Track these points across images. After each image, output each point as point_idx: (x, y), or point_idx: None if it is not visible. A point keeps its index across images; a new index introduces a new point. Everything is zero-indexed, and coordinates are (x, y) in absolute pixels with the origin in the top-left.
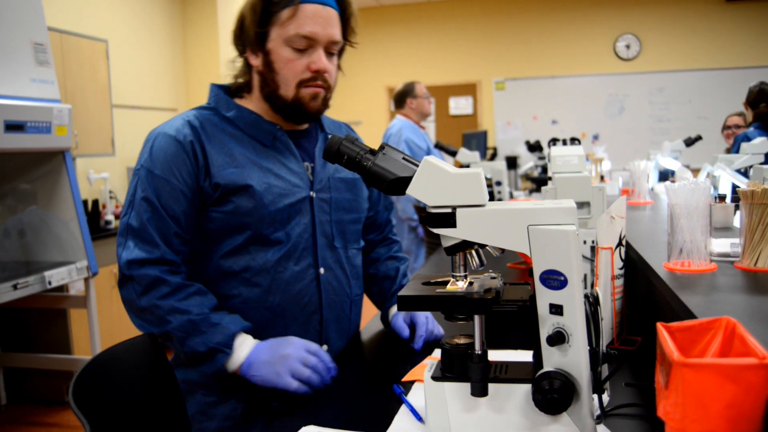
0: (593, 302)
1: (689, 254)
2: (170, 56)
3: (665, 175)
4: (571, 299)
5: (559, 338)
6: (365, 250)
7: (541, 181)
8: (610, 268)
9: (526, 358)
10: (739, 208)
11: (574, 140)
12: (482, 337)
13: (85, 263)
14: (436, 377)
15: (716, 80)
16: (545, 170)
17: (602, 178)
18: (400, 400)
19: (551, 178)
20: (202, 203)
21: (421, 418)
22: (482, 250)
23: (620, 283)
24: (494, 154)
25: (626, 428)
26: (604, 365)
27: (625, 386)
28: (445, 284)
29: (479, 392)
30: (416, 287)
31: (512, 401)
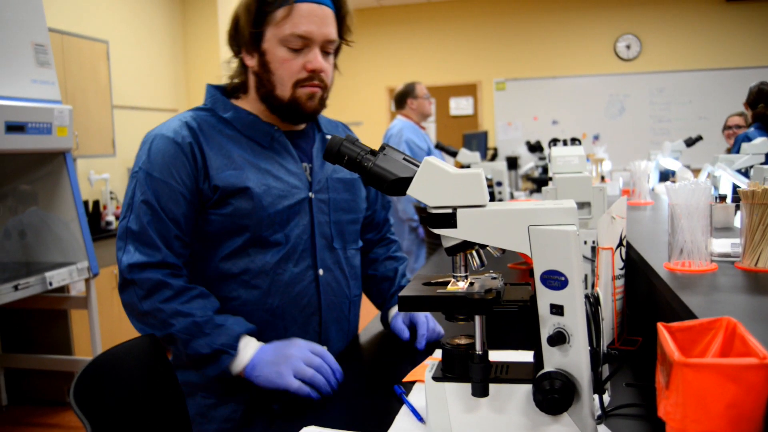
0: (594, 302)
1: (690, 254)
2: (171, 57)
3: (666, 175)
4: (571, 299)
5: (559, 338)
6: (363, 250)
7: (541, 181)
8: (610, 268)
9: (526, 358)
10: (739, 208)
11: (574, 140)
12: (483, 337)
13: (85, 264)
14: (436, 377)
15: (717, 80)
16: (546, 171)
17: (603, 178)
18: (400, 400)
19: (552, 178)
20: (201, 205)
21: (421, 418)
22: (483, 250)
23: (621, 283)
24: (495, 154)
25: (627, 428)
26: (604, 365)
27: (625, 386)
28: (445, 285)
29: (480, 392)
30: (417, 288)
31: (513, 401)
